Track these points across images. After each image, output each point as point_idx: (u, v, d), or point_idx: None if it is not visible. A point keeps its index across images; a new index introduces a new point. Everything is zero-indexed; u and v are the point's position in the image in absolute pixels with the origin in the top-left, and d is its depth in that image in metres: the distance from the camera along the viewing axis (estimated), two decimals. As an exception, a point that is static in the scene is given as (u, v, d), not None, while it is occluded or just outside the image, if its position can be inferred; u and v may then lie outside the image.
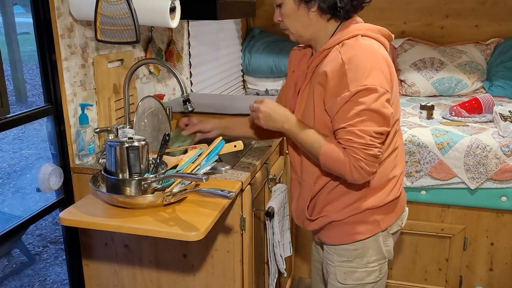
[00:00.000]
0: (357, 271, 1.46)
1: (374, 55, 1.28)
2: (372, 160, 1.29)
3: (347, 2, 1.32)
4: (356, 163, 1.28)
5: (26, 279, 3.07)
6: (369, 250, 1.45)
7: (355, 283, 1.47)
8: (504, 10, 3.24)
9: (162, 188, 1.40)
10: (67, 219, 1.31)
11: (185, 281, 1.62)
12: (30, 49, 9.93)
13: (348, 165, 1.29)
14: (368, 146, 1.27)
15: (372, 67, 1.26)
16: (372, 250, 1.45)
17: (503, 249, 2.33)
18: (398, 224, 1.51)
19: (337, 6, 1.32)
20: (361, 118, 1.27)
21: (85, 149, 1.63)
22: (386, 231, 1.46)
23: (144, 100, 1.72)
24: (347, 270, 1.47)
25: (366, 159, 1.28)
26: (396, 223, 1.49)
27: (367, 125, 1.27)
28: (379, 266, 1.48)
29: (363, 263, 1.45)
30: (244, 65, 3.48)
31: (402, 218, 1.53)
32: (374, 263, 1.46)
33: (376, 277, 1.48)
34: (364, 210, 1.41)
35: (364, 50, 1.29)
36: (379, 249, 1.46)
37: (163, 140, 1.49)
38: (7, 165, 5.17)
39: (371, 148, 1.27)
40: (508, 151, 2.17)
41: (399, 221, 1.51)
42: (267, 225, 1.73)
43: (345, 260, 1.47)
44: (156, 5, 1.52)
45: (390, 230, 1.48)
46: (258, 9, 3.57)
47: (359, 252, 1.45)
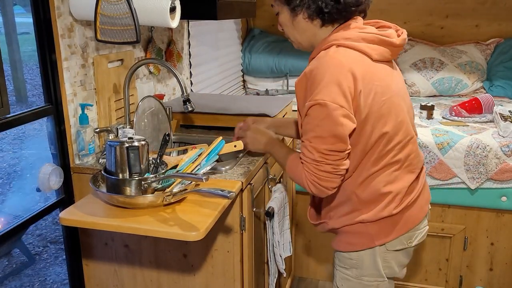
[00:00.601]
0: (351, 280, 1.47)
1: (335, 68, 1.25)
2: (326, 176, 1.28)
3: (332, 6, 1.30)
4: (310, 177, 1.30)
5: (26, 279, 3.07)
6: (363, 263, 1.43)
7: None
8: (504, 10, 3.24)
9: (162, 188, 1.40)
10: (67, 219, 1.31)
11: (185, 281, 1.62)
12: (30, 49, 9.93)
13: (305, 179, 1.32)
14: (318, 162, 1.28)
15: (327, 81, 1.23)
16: (367, 264, 1.43)
17: (503, 249, 2.33)
18: (402, 242, 1.43)
19: (323, 11, 1.31)
20: (313, 134, 1.27)
21: (85, 149, 1.63)
22: (384, 248, 1.42)
23: (144, 100, 1.72)
24: (343, 276, 1.49)
25: (318, 175, 1.28)
26: (398, 240, 1.42)
27: (317, 142, 1.26)
28: (375, 283, 1.45)
29: (357, 275, 1.45)
30: (244, 65, 3.48)
31: (410, 237, 1.44)
32: (370, 278, 1.44)
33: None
34: (357, 223, 1.40)
35: (326, 63, 1.27)
36: (374, 265, 1.43)
37: (163, 140, 1.49)
38: (7, 165, 5.17)
39: (321, 165, 1.27)
40: (508, 151, 2.17)
41: (403, 239, 1.43)
42: (267, 225, 1.73)
43: (343, 266, 1.49)
44: (156, 5, 1.52)
45: (389, 247, 1.42)
46: (258, 9, 3.57)
47: (354, 263, 1.45)
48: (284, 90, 3.33)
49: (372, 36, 1.31)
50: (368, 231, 1.40)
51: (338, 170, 1.29)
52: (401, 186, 1.39)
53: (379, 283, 1.45)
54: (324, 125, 1.25)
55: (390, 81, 1.35)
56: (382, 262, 1.43)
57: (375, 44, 1.31)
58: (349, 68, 1.25)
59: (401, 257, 1.46)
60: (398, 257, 1.45)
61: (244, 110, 2.03)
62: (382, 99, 1.30)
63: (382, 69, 1.34)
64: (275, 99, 2.30)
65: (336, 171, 1.28)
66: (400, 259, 1.46)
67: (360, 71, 1.26)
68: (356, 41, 1.29)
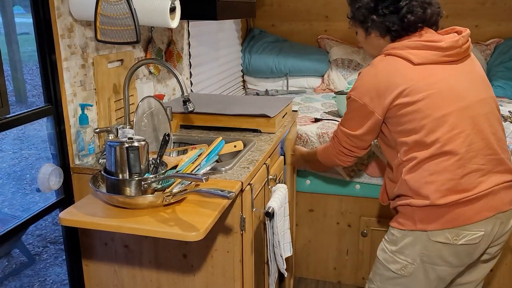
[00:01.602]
0: (387, 252, 1.58)
1: (374, 72, 1.52)
2: (343, 152, 1.73)
3: (397, 25, 1.52)
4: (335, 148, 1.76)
5: (26, 279, 3.07)
6: (402, 242, 1.53)
7: (383, 261, 1.60)
8: (504, 10, 3.24)
9: (162, 188, 1.40)
10: (67, 219, 1.31)
11: (185, 281, 1.62)
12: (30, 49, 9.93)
13: (332, 149, 1.78)
14: (338, 142, 1.72)
15: (363, 82, 1.55)
16: (405, 244, 1.52)
17: (503, 249, 2.33)
18: (446, 235, 1.47)
19: (391, 29, 1.53)
20: (344, 118, 1.68)
21: (85, 149, 1.63)
22: (425, 235, 1.47)
23: (144, 100, 1.72)
24: (382, 247, 1.62)
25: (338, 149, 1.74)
26: (441, 232, 1.46)
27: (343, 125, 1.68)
28: (405, 263, 1.53)
29: (393, 250, 1.56)
30: (244, 65, 3.48)
31: (457, 234, 1.46)
32: (402, 257, 1.54)
33: (398, 269, 1.55)
34: (406, 205, 1.52)
35: (369, 68, 1.55)
36: (412, 247, 1.51)
37: (163, 140, 1.49)
38: (7, 165, 5.17)
39: (339, 146, 1.72)
40: (508, 151, 2.17)
41: (448, 234, 1.46)
42: (267, 225, 1.73)
43: (386, 239, 1.61)
44: (156, 5, 1.52)
45: (431, 236, 1.47)
46: (258, 9, 3.57)
47: (394, 239, 1.56)
48: (284, 90, 3.33)
49: (416, 43, 1.50)
50: (413, 215, 1.50)
51: (349, 154, 1.73)
52: (445, 178, 1.44)
53: (408, 264, 1.53)
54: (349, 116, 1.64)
55: (430, 82, 1.47)
56: (422, 249, 1.50)
57: (418, 49, 1.49)
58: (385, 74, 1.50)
59: (445, 252, 1.49)
60: (441, 251, 1.49)
61: (244, 110, 2.03)
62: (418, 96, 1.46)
63: (423, 70, 1.48)
64: (275, 99, 2.30)
65: (348, 154, 1.73)
66: (443, 253, 1.49)
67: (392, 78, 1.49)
68: (400, 49, 1.50)
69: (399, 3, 1.50)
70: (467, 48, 1.54)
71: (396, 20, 1.51)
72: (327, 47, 3.50)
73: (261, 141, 1.89)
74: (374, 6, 1.53)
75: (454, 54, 1.50)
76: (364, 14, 1.56)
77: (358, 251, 2.42)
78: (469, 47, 1.56)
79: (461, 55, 1.53)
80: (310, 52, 3.42)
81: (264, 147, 1.82)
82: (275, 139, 1.92)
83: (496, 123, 1.53)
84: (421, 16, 1.51)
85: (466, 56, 1.57)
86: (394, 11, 1.51)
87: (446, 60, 1.49)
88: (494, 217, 1.48)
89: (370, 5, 1.54)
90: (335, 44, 3.47)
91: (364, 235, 2.38)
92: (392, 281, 1.58)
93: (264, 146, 1.83)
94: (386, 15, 1.52)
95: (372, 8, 1.54)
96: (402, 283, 1.56)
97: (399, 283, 1.56)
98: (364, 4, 1.56)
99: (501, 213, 1.50)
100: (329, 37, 3.54)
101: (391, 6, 1.51)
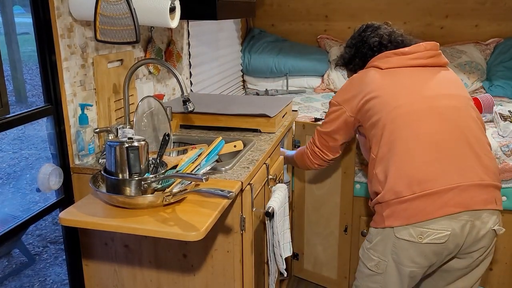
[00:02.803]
0: (364, 249, 1.65)
1: (350, 80, 1.74)
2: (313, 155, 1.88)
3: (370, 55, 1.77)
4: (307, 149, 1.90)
5: (26, 279, 3.07)
6: (375, 239, 1.57)
7: (361, 258, 1.66)
8: (504, 10, 3.24)
9: (162, 188, 1.40)
10: (67, 219, 1.31)
11: (185, 281, 1.62)
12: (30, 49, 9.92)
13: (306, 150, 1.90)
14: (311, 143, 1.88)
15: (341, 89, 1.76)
16: (377, 241, 1.56)
17: (503, 249, 2.33)
18: (409, 232, 1.46)
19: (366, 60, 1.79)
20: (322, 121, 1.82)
21: (85, 149, 1.63)
22: (392, 232, 1.50)
23: (143, 100, 1.72)
24: (363, 245, 1.67)
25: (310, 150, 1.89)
26: (405, 229, 1.46)
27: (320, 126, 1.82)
28: (377, 259, 1.57)
29: (368, 247, 1.61)
30: (244, 65, 3.47)
31: (421, 232, 1.45)
32: (374, 253, 1.58)
33: (372, 266, 1.60)
34: (377, 203, 1.57)
35: (349, 79, 1.78)
36: (383, 245, 1.54)
37: (163, 140, 1.49)
38: (7, 165, 5.16)
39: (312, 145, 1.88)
40: (508, 151, 2.17)
41: (412, 231, 1.46)
42: (267, 225, 1.73)
43: (367, 238, 1.66)
44: (156, 5, 1.52)
45: (397, 233, 1.48)
46: (258, 9, 3.57)
47: (370, 236, 1.61)
48: (284, 90, 3.33)
49: (382, 54, 1.71)
50: (382, 212, 1.53)
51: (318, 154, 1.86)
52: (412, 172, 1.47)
53: (380, 261, 1.56)
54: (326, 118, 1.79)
55: (399, 78, 1.63)
56: (392, 247, 1.52)
57: (385, 58, 1.69)
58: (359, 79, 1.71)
59: (411, 251, 1.48)
60: (408, 250, 1.49)
61: (244, 110, 2.03)
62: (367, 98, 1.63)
63: (389, 72, 1.66)
64: (275, 99, 2.30)
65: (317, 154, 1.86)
66: (410, 253, 1.49)
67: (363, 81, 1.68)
68: (371, 62, 1.73)
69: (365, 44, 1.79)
70: (434, 55, 1.70)
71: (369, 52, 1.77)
72: (327, 47, 3.50)
73: (261, 141, 1.89)
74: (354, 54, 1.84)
75: (418, 57, 1.67)
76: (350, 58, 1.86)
77: (358, 251, 2.42)
78: (439, 55, 1.72)
79: (429, 60, 1.68)
80: (310, 52, 3.42)
81: (264, 147, 1.82)
82: (275, 139, 1.92)
83: (470, 120, 1.54)
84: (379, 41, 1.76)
85: (440, 66, 1.71)
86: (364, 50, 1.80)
87: (413, 63, 1.66)
88: (461, 215, 1.43)
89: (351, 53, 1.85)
90: (335, 44, 3.47)
91: (364, 235, 2.38)
92: (369, 278, 1.62)
93: (264, 146, 1.83)
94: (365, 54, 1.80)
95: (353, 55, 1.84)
96: (378, 280, 1.59)
97: (376, 281, 1.59)
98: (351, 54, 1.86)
99: (471, 211, 1.44)
100: (329, 37, 3.53)
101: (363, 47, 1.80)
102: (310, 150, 1.88)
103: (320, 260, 2.50)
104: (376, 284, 1.60)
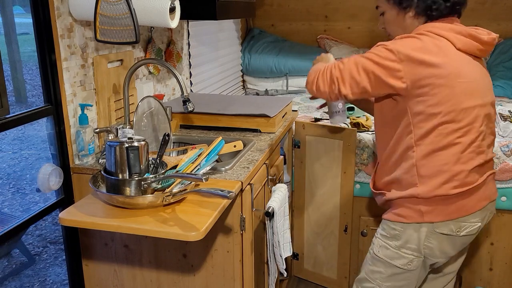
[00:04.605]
0: (390, 249, 1.54)
1: (421, 43, 1.40)
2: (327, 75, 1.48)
3: (440, 3, 1.45)
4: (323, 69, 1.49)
5: (26, 280, 3.07)
6: (406, 235, 1.50)
7: (385, 259, 1.55)
8: (503, 10, 3.24)
9: (162, 188, 1.40)
10: (67, 219, 1.31)
11: (185, 281, 1.62)
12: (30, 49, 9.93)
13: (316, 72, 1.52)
14: (338, 65, 1.48)
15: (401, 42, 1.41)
16: (409, 237, 1.50)
17: (503, 249, 2.33)
18: (450, 227, 1.47)
19: (432, 9, 1.46)
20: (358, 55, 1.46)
21: (85, 149, 1.63)
22: (431, 227, 1.47)
23: (143, 100, 1.72)
24: (382, 244, 1.56)
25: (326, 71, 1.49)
26: (446, 224, 1.47)
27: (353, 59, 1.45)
28: (411, 256, 1.51)
29: (397, 245, 1.52)
30: (244, 65, 3.47)
31: (460, 226, 1.47)
32: (407, 251, 1.51)
33: (404, 264, 1.53)
34: (411, 197, 1.47)
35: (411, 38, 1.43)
36: (417, 241, 1.49)
37: (162, 140, 1.49)
38: (7, 165, 5.17)
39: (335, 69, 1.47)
40: (507, 151, 2.17)
41: (452, 225, 1.47)
42: (267, 225, 1.73)
43: (384, 235, 1.56)
44: (155, 5, 1.52)
45: (437, 228, 1.47)
46: (258, 9, 3.57)
47: (397, 234, 1.52)
48: (284, 90, 3.33)
49: (461, 28, 1.46)
50: (419, 207, 1.47)
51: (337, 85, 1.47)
52: (463, 169, 1.44)
53: (414, 258, 1.51)
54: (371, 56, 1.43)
55: (467, 70, 1.44)
56: (425, 240, 1.48)
57: (462, 35, 1.45)
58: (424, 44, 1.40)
59: (445, 243, 1.49)
60: (442, 243, 1.49)
61: (244, 110, 2.03)
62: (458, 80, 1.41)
63: (462, 57, 1.45)
64: (275, 99, 2.31)
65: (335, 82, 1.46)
66: (444, 245, 1.50)
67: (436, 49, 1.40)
68: (444, 30, 1.44)
69: None
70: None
71: (440, 0, 1.46)
72: (326, 47, 3.50)
73: (261, 141, 1.89)
74: None
75: (485, 51, 1.51)
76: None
77: (358, 251, 2.42)
78: None
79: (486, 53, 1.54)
80: (309, 52, 3.42)
81: (264, 147, 1.82)
82: (275, 139, 1.92)
83: (493, 124, 1.57)
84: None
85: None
86: None
87: (478, 54, 1.49)
88: (486, 207, 1.52)
89: None
90: (334, 44, 3.47)
91: (364, 235, 2.38)
92: (396, 277, 1.55)
93: (264, 146, 1.83)
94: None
95: None
96: (407, 277, 1.55)
97: (404, 278, 1.55)
98: None
99: (491, 202, 1.55)
100: (329, 37, 3.53)
101: None
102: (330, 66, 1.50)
103: (320, 260, 2.50)
104: (404, 281, 1.56)
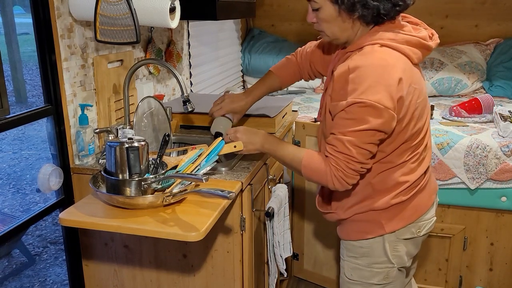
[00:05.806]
0: (362, 269, 1.49)
1: (383, 68, 1.24)
2: (352, 174, 1.30)
3: (390, 9, 1.29)
4: (337, 173, 1.30)
5: (26, 280, 3.07)
6: (374, 251, 1.47)
7: (361, 280, 1.50)
8: (503, 10, 3.24)
9: (162, 188, 1.40)
10: (67, 220, 1.31)
11: (185, 281, 1.62)
12: (30, 49, 9.93)
13: (330, 175, 1.32)
14: (351, 159, 1.28)
15: (375, 82, 1.22)
16: (377, 252, 1.46)
17: (503, 249, 2.33)
18: (411, 230, 1.46)
19: (380, 13, 1.29)
20: (352, 129, 1.26)
21: (85, 149, 1.63)
22: (394, 236, 1.45)
23: (144, 101, 1.72)
24: (353, 266, 1.51)
25: (346, 171, 1.29)
26: (407, 229, 1.45)
27: (357, 136, 1.26)
28: (385, 269, 1.48)
29: (368, 263, 1.48)
30: (244, 65, 3.48)
31: (419, 226, 1.47)
32: (380, 265, 1.47)
33: (381, 279, 1.48)
34: (368, 211, 1.44)
35: (374, 61, 1.25)
36: (385, 252, 1.46)
37: (163, 141, 1.49)
38: (7, 166, 5.17)
39: (353, 163, 1.28)
40: (508, 151, 2.17)
41: (412, 228, 1.46)
42: (267, 226, 1.73)
43: (352, 256, 1.51)
44: (156, 5, 1.52)
45: (399, 235, 1.45)
46: (258, 9, 3.57)
47: (364, 251, 1.48)
48: (284, 90, 3.33)
49: (415, 40, 1.32)
50: (379, 218, 1.43)
51: (364, 170, 1.33)
52: (415, 177, 1.43)
53: (389, 270, 1.48)
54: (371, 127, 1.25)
55: (422, 85, 1.38)
56: (392, 250, 1.46)
57: (416, 48, 1.33)
58: (396, 70, 1.25)
59: (410, 246, 1.49)
60: (407, 247, 1.48)
61: (244, 110, 2.03)
62: (418, 102, 1.33)
63: (417, 72, 1.36)
64: (274, 99, 2.30)
65: (362, 170, 1.32)
66: (409, 248, 1.49)
67: (404, 74, 1.27)
68: (400, 43, 1.30)
69: None
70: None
71: (388, 5, 1.28)
72: (327, 47, 3.50)
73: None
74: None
75: (426, 56, 1.39)
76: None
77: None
78: None
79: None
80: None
81: (264, 147, 1.82)
82: (275, 139, 1.92)
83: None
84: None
85: None
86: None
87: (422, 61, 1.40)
88: (435, 199, 1.55)
89: None
90: (335, 44, 3.47)
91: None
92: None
93: (264, 146, 1.83)
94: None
95: None
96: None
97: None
98: None
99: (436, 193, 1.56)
100: (329, 37, 3.53)
101: None
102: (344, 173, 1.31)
103: (320, 260, 2.50)
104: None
